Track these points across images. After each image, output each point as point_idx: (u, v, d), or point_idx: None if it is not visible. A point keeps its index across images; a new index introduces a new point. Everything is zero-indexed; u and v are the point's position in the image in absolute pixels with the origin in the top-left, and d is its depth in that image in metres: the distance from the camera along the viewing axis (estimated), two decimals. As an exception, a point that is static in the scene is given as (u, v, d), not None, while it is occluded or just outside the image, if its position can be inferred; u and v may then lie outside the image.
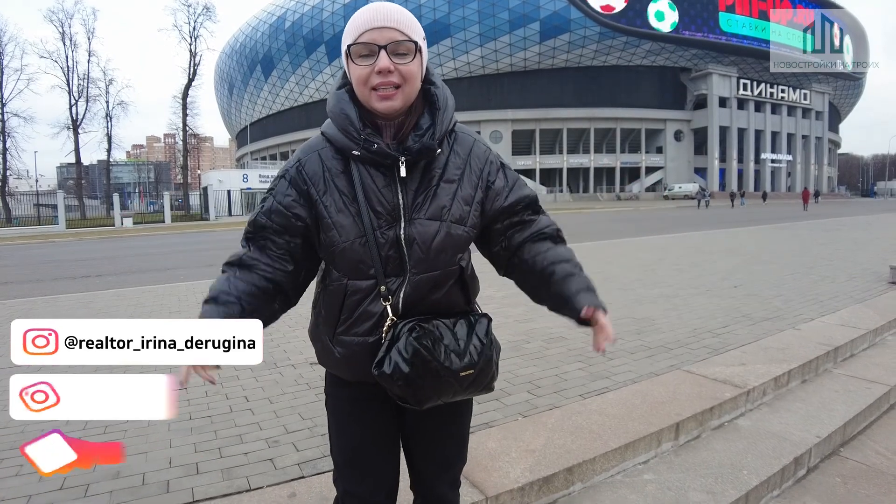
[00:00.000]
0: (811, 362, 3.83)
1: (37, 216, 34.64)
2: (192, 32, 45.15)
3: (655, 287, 6.60)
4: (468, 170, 1.27)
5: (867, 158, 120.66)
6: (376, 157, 1.19)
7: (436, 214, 1.21)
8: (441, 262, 1.23)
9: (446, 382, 1.20)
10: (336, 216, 1.20)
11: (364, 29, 1.15)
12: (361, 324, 1.23)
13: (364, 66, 1.16)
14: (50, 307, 6.73)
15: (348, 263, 1.22)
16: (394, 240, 1.20)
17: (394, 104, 1.17)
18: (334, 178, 1.22)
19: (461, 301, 1.32)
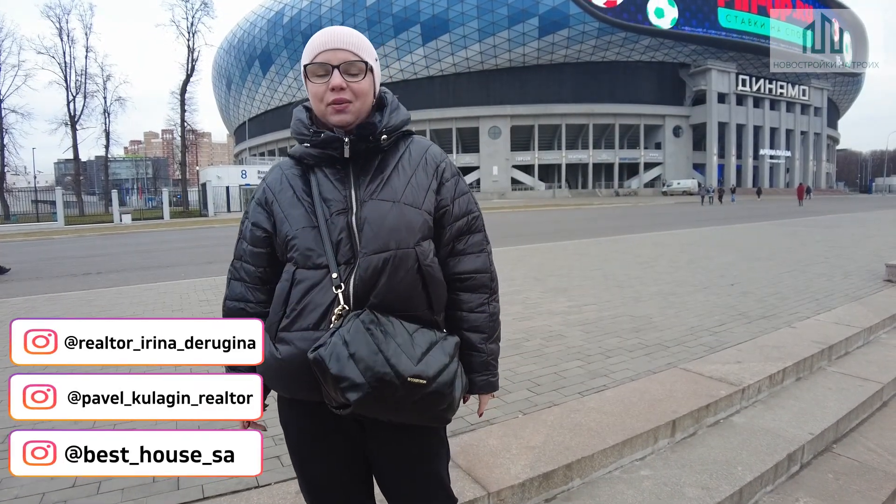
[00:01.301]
0: (806, 360, 3.89)
1: (35, 213, 34.59)
2: (190, 28, 44.95)
3: (654, 284, 6.66)
4: (423, 163, 1.31)
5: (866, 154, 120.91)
6: (326, 150, 1.24)
7: (389, 196, 1.23)
8: (392, 241, 1.20)
9: (391, 386, 1.09)
10: (288, 209, 1.25)
11: (319, 50, 1.24)
12: (307, 315, 1.18)
13: (319, 84, 1.24)
14: (52, 305, 6.76)
15: (298, 252, 1.21)
16: (344, 225, 1.21)
17: (346, 117, 1.24)
18: (291, 181, 1.29)
19: (422, 303, 1.25)
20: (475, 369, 1.32)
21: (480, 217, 1.38)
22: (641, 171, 64.44)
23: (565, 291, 6.30)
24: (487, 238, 1.39)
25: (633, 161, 64.44)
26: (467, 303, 1.33)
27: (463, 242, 1.34)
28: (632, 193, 61.00)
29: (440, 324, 1.31)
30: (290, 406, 1.30)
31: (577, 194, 59.79)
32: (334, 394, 1.11)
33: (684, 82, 63.47)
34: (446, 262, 1.33)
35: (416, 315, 1.23)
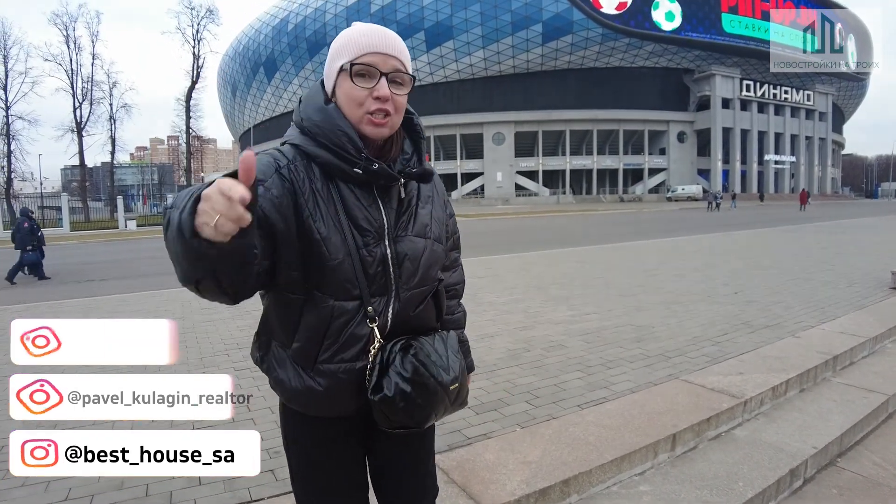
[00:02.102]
0: (810, 371, 3.84)
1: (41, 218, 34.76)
2: (196, 35, 45.42)
3: (656, 293, 6.62)
4: (436, 194, 1.35)
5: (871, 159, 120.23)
6: (376, 179, 1.18)
7: (421, 232, 1.26)
8: (429, 277, 1.28)
9: (440, 398, 1.20)
10: (325, 231, 1.13)
11: (368, 51, 1.15)
12: (349, 348, 1.17)
13: (362, 89, 1.15)
14: (54, 312, 6.77)
15: (336, 283, 1.15)
16: (381, 258, 1.18)
17: (383, 131, 1.19)
18: (321, 193, 1.16)
19: (433, 317, 1.33)
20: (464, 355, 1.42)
21: (459, 235, 1.52)
22: (646, 177, 64.31)
23: (567, 300, 6.26)
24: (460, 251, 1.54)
25: (638, 167, 64.31)
26: (451, 308, 1.46)
27: (449, 259, 1.46)
28: (636, 199, 60.87)
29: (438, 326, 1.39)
30: (305, 420, 1.27)
31: (582, 200, 59.73)
32: (401, 418, 1.18)
33: (688, 88, 63.40)
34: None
35: (429, 328, 1.31)
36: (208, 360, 4.25)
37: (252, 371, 3.92)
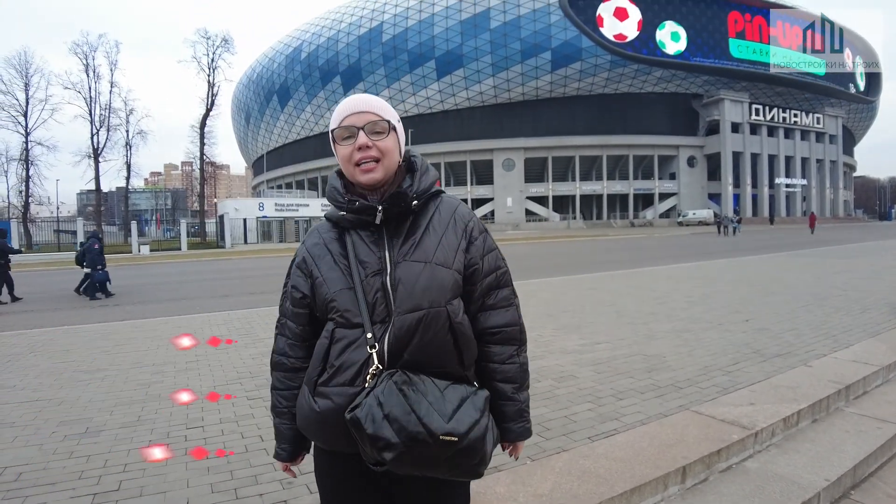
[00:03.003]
0: (822, 401, 3.81)
1: (57, 242, 35.34)
2: (211, 64, 46.25)
3: (667, 321, 6.60)
4: (452, 223, 1.37)
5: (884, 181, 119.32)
6: (361, 216, 1.31)
7: (421, 257, 1.30)
8: (425, 300, 1.26)
9: (424, 444, 1.12)
10: (327, 272, 1.32)
11: (345, 115, 1.34)
12: (344, 372, 1.24)
13: (346, 146, 1.33)
14: (70, 338, 6.87)
15: (336, 312, 1.28)
16: (379, 286, 1.27)
17: (375, 175, 1.32)
18: (328, 244, 1.36)
19: (453, 360, 1.30)
20: (510, 418, 1.38)
21: (508, 272, 1.46)
22: (656, 202, 64.28)
23: (578, 328, 6.26)
24: (515, 291, 1.46)
25: (648, 192, 64.35)
26: (498, 355, 1.39)
27: (492, 297, 1.40)
28: (647, 224, 60.77)
29: (471, 378, 1.37)
30: (326, 456, 1.36)
31: (592, 225, 59.72)
32: (371, 452, 1.16)
33: (697, 112, 63.71)
34: (476, 316, 1.39)
35: (447, 371, 1.28)
36: (221, 389, 4.31)
37: (265, 401, 3.97)
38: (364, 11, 61.78)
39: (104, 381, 4.69)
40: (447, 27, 57.37)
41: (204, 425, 3.48)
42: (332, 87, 63.92)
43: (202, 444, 3.16)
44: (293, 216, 42.39)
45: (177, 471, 2.84)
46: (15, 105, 42.20)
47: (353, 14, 62.70)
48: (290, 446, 1.43)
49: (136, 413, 3.77)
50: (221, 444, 3.16)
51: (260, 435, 3.29)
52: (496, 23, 56.31)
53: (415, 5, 58.84)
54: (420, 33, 58.23)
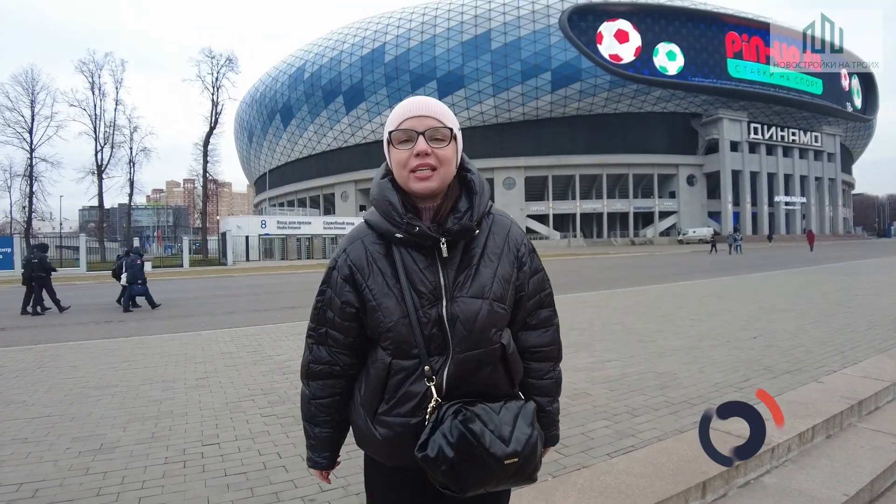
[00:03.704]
0: (835, 417, 3.81)
1: (59, 258, 35.34)
2: (215, 83, 46.80)
3: (676, 338, 6.60)
4: (506, 249, 1.34)
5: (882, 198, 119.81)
6: (417, 239, 1.25)
7: (478, 293, 1.27)
8: (484, 340, 1.26)
9: (490, 470, 1.17)
10: (380, 298, 1.27)
11: (405, 117, 1.27)
12: (404, 404, 1.26)
13: (403, 151, 1.26)
14: (75, 353, 6.86)
15: (393, 343, 1.26)
16: (436, 319, 1.24)
17: (430, 185, 1.26)
18: (377, 262, 1.29)
19: (504, 383, 1.34)
20: (544, 427, 1.41)
21: (551, 294, 1.47)
22: (656, 220, 64.43)
23: (588, 346, 6.26)
24: (556, 311, 1.47)
25: (648, 210, 64.55)
26: (536, 371, 1.43)
27: (535, 318, 1.42)
28: (647, 242, 60.85)
29: (517, 394, 1.40)
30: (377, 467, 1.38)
31: (593, 243, 59.77)
32: (443, 481, 1.20)
33: (696, 132, 64.16)
34: (518, 335, 1.41)
35: (498, 393, 1.32)
36: (234, 406, 4.30)
37: (279, 418, 3.97)
38: (367, 32, 62.57)
39: (115, 397, 4.68)
40: (448, 48, 58.05)
41: (220, 442, 3.48)
42: (335, 107, 64.48)
43: (220, 461, 3.15)
44: (295, 234, 42.51)
45: (195, 487, 2.83)
46: (20, 122, 42.69)
47: (355, 35, 63.49)
48: (330, 454, 1.44)
49: (149, 429, 3.77)
50: (239, 462, 3.15)
51: (277, 452, 3.29)
52: (497, 44, 56.99)
53: (417, 27, 59.63)
54: (422, 54, 58.91)
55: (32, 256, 13.50)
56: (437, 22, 58.99)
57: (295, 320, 9.21)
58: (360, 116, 63.15)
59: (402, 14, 61.67)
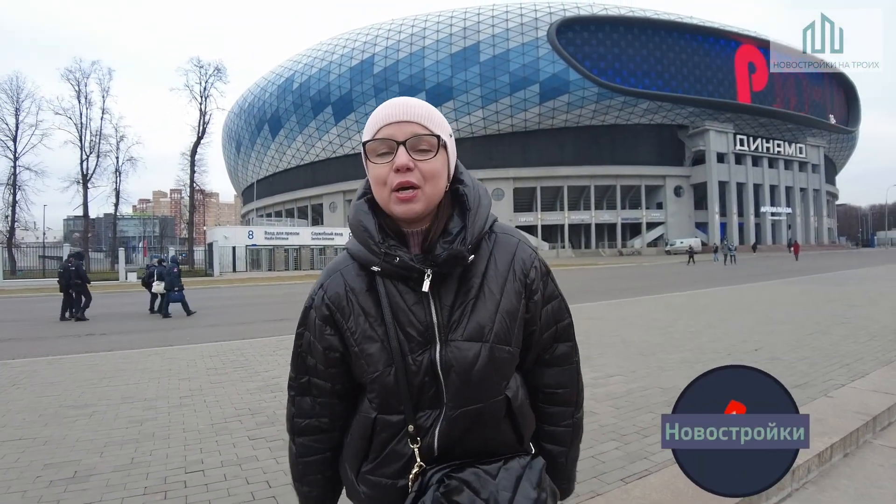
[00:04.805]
0: (852, 434, 3.67)
1: (42, 268, 34.67)
2: (203, 92, 46.50)
3: (676, 351, 6.46)
4: (512, 276, 1.11)
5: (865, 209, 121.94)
6: (400, 271, 1.05)
7: (475, 334, 1.05)
8: (484, 392, 1.05)
9: None
10: (363, 343, 1.07)
11: (382, 124, 1.05)
12: (389, 465, 1.07)
13: (381, 165, 1.04)
14: (53, 368, 6.60)
15: (378, 396, 1.07)
16: (428, 366, 1.04)
17: (414, 206, 1.03)
18: (358, 298, 1.09)
19: (511, 439, 1.11)
20: (555, 479, 1.17)
21: (571, 324, 1.22)
22: (644, 231, 64.80)
23: (588, 360, 6.08)
24: (576, 347, 1.23)
25: (636, 221, 64.92)
26: (551, 417, 1.20)
27: (549, 353, 1.19)
28: (635, 253, 61.12)
29: (526, 448, 1.17)
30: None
31: (581, 254, 59.90)
32: None
33: (683, 143, 64.77)
34: (531, 370, 1.19)
35: (503, 451, 1.10)
36: (219, 427, 4.06)
37: (268, 441, 3.73)
38: (356, 44, 62.67)
39: (92, 417, 4.43)
40: (437, 60, 58.27)
41: (204, 469, 3.24)
42: (324, 118, 64.37)
43: (204, 491, 2.91)
44: (283, 244, 42.08)
45: (177, 520, 2.60)
46: (4, 129, 42.09)
47: (344, 46, 63.56)
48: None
49: (128, 455, 3.51)
50: (225, 492, 2.91)
51: (266, 480, 3.05)
52: (486, 56, 57.30)
53: (406, 38, 59.84)
54: (411, 65, 59.07)
55: (70, 265, 14.00)
56: (426, 34, 59.25)
57: (283, 333, 8.96)
58: (349, 127, 63.07)
59: (392, 25, 61.90)
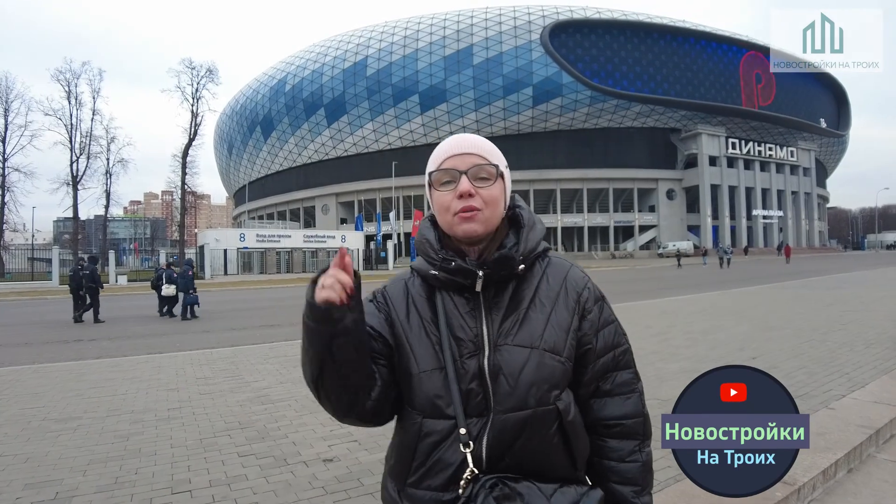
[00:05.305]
0: (856, 449, 3.60)
1: (30, 271, 34.28)
2: (195, 94, 46.22)
3: (673, 360, 6.38)
4: (563, 293, 1.16)
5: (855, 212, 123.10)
6: (455, 277, 1.11)
7: (526, 340, 1.08)
8: (532, 398, 1.05)
9: None
10: (414, 341, 1.12)
11: (446, 156, 1.14)
12: (436, 475, 1.06)
13: (445, 192, 1.12)
14: (39, 377, 6.44)
15: (424, 397, 1.08)
16: (476, 371, 1.07)
17: (474, 226, 1.10)
18: (416, 303, 1.17)
19: (563, 460, 1.09)
20: None
21: (629, 350, 1.21)
22: (636, 234, 65.05)
23: (583, 368, 6.00)
24: (637, 374, 1.21)
25: (628, 224, 65.13)
26: (616, 451, 1.14)
27: (609, 382, 1.16)
28: (628, 256, 61.30)
29: (582, 478, 1.14)
30: None
31: (574, 257, 59.92)
32: None
33: (676, 146, 65.06)
34: (588, 403, 1.16)
35: (555, 474, 1.07)
36: (208, 443, 3.93)
37: (258, 458, 3.62)
38: (349, 46, 62.54)
39: (77, 431, 4.29)
40: (431, 62, 58.25)
41: (192, 489, 3.11)
42: (316, 120, 64.18)
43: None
44: (274, 247, 41.82)
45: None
46: (-7, 130, 41.57)
47: (337, 48, 63.41)
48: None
49: (113, 473, 3.39)
50: (212, 513, 2.80)
51: (256, 502, 2.94)
52: (479, 59, 57.33)
53: (399, 41, 59.78)
54: (404, 68, 59.01)
55: (84, 268, 14.24)
56: (420, 36, 59.22)
57: (275, 340, 8.85)
58: (342, 129, 62.91)
59: (385, 28, 61.83)
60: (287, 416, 4.48)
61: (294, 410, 4.59)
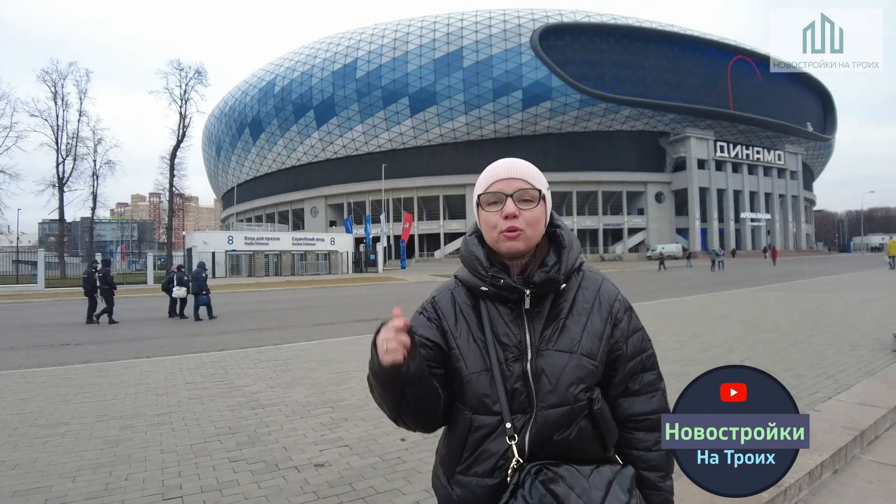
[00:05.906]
0: (841, 450, 3.65)
1: (15, 274, 33.81)
2: (183, 95, 45.87)
3: (663, 363, 6.30)
4: (597, 304, 1.30)
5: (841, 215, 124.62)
6: (503, 292, 1.24)
7: (566, 346, 1.23)
8: (570, 395, 1.21)
9: None
10: (464, 346, 1.26)
11: (493, 180, 1.28)
12: (482, 463, 1.22)
13: (492, 213, 1.26)
14: (25, 383, 6.36)
15: (473, 396, 1.24)
16: (520, 373, 1.22)
17: (517, 245, 1.24)
18: (463, 312, 1.30)
19: (596, 446, 1.25)
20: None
21: (654, 354, 1.36)
22: (626, 237, 65.44)
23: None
24: (661, 374, 1.36)
25: (617, 227, 65.50)
26: (643, 442, 1.30)
27: (637, 382, 1.32)
28: (617, 258, 61.67)
29: (613, 458, 1.31)
30: None
31: (564, 259, 60.19)
32: None
33: (664, 150, 65.55)
34: (618, 402, 1.31)
35: (589, 457, 1.22)
36: (199, 449, 3.91)
37: (249, 463, 3.60)
38: (339, 48, 62.44)
39: (65, 437, 4.25)
40: (421, 65, 58.31)
41: (183, 495, 3.10)
42: (306, 122, 63.98)
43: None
44: (263, 250, 41.58)
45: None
46: (-24, 131, 40.91)
47: (327, 50, 63.29)
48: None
49: (102, 479, 3.36)
50: (204, 519, 2.79)
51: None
52: (469, 62, 57.47)
53: (389, 43, 59.79)
54: (394, 70, 59.01)
55: (98, 270, 14.50)
56: (410, 39, 59.28)
57: (264, 344, 8.79)
58: (331, 131, 62.76)
59: (375, 30, 61.82)
60: (278, 420, 4.46)
61: (285, 415, 4.57)
